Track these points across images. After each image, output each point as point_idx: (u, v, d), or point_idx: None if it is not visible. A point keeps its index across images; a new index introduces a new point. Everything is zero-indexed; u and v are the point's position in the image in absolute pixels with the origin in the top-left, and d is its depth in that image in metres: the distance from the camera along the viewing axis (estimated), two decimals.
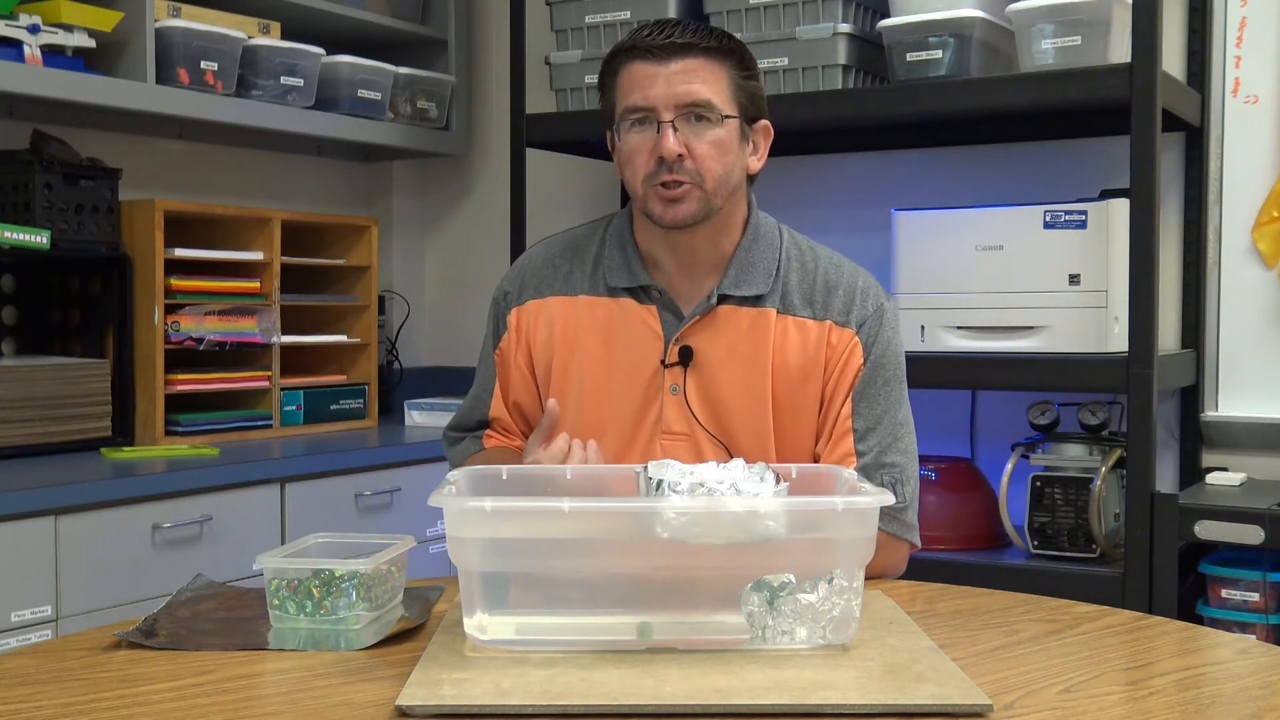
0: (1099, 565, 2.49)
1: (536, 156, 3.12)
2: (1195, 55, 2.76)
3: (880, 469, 1.72)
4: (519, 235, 3.08)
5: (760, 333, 1.73)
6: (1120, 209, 2.46)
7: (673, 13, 2.89)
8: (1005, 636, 1.42)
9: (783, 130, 3.00)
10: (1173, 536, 2.36)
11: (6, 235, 2.51)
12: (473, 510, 1.29)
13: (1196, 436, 2.77)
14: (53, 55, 2.56)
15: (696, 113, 1.66)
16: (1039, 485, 2.55)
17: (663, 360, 1.75)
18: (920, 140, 3.01)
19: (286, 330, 3.02)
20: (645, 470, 1.38)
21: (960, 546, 2.68)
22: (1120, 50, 2.47)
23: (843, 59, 2.72)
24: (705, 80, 1.67)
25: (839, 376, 1.73)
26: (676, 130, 1.66)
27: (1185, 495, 2.45)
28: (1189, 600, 2.48)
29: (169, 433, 2.78)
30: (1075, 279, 2.50)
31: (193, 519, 2.42)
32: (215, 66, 2.82)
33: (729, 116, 1.69)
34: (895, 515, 1.71)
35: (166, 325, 2.76)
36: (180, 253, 2.79)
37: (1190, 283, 2.77)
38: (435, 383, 3.60)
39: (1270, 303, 2.72)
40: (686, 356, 1.74)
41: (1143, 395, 2.35)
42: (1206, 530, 2.36)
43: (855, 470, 1.68)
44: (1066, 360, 2.46)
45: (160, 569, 2.35)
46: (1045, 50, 2.52)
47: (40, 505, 2.17)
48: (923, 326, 2.64)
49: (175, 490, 2.40)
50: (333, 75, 3.13)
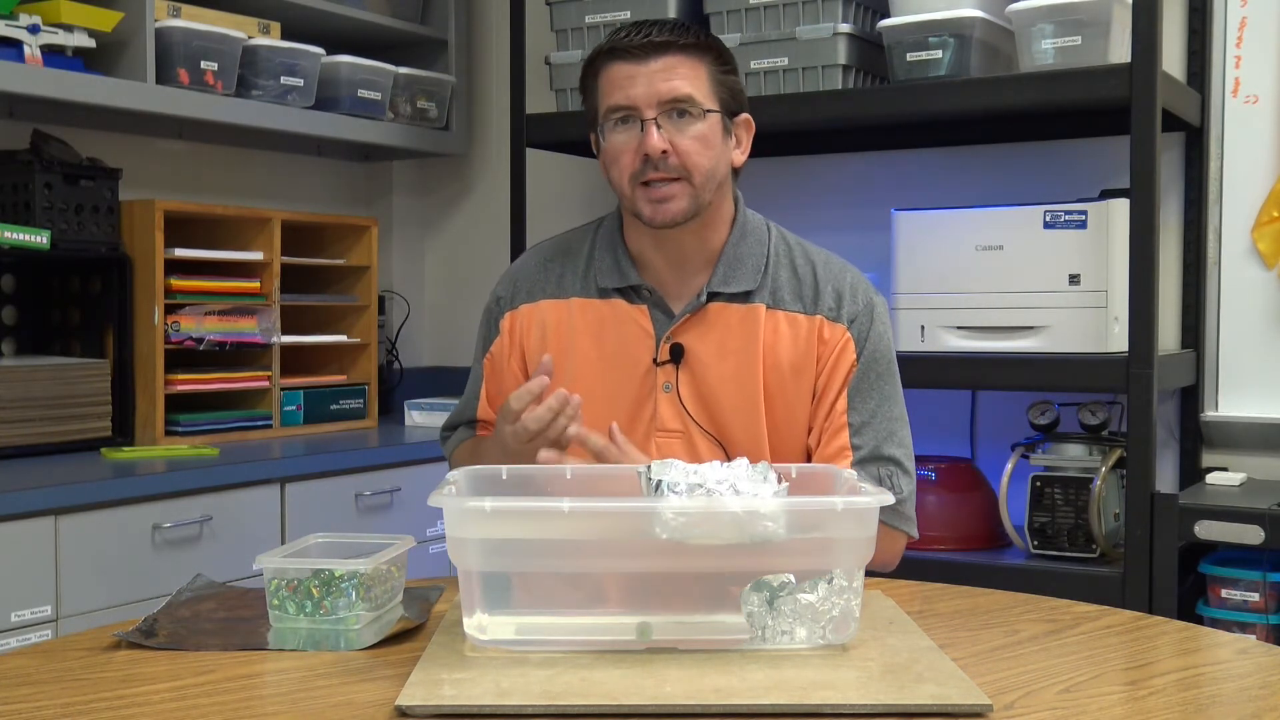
0: (1099, 565, 2.49)
1: (536, 156, 3.12)
2: (1195, 55, 2.76)
3: (877, 462, 1.74)
4: (519, 235, 3.08)
5: (750, 328, 1.75)
6: (1120, 209, 2.46)
7: (673, 13, 2.90)
8: (1005, 636, 1.42)
9: (783, 130, 3.04)
10: (1173, 536, 2.36)
11: (6, 235, 2.51)
12: (473, 510, 1.29)
13: (1196, 436, 2.77)
14: (53, 55, 2.56)
15: (679, 108, 1.69)
16: (1039, 485, 2.55)
17: (655, 359, 1.76)
18: (920, 140, 3.01)
19: (286, 330, 3.02)
20: (648, 470, 1.38)
21: (960, 546, 2.68)
22: (1120, 50, 2.47)
23: (843, 59, 2.72)
24: (685, 76, 1.70)
25: (831, 371, 1.75)
26: (660, 127, 1.68)
27: (1185, 495, 2.45)
28: (1189, 600, 2.48)
29: (169, 433, 2.78)
30: (1075, 279, 2.50)
31: (193, 519, 2.42)
32: (215, 66, 2.82)
33: (711, 110, 1.71)
34: (894, 508, 1.71)
35: (166, 325, 2.76)
36: (180, 253, 2.79)
37: (1190, 283, 2.77)
38: (435, 383, 3.60)
39: (1270, 303, 2.72)
40: (678, 354, 1.76)
41: (1143, 395, 2.35)
42: (1206, 530, 2.36)
43: (851, 464, 1.71)
44: (1066, 360, 2.46)
45: (160, 569, 2.35)
46: (1045, 50, 2.52)
47: (40, 505, 2.17)
48: (923, 326, 2.64)
49: (175, 490, 2.40)
50: (333, 75, 3.13)
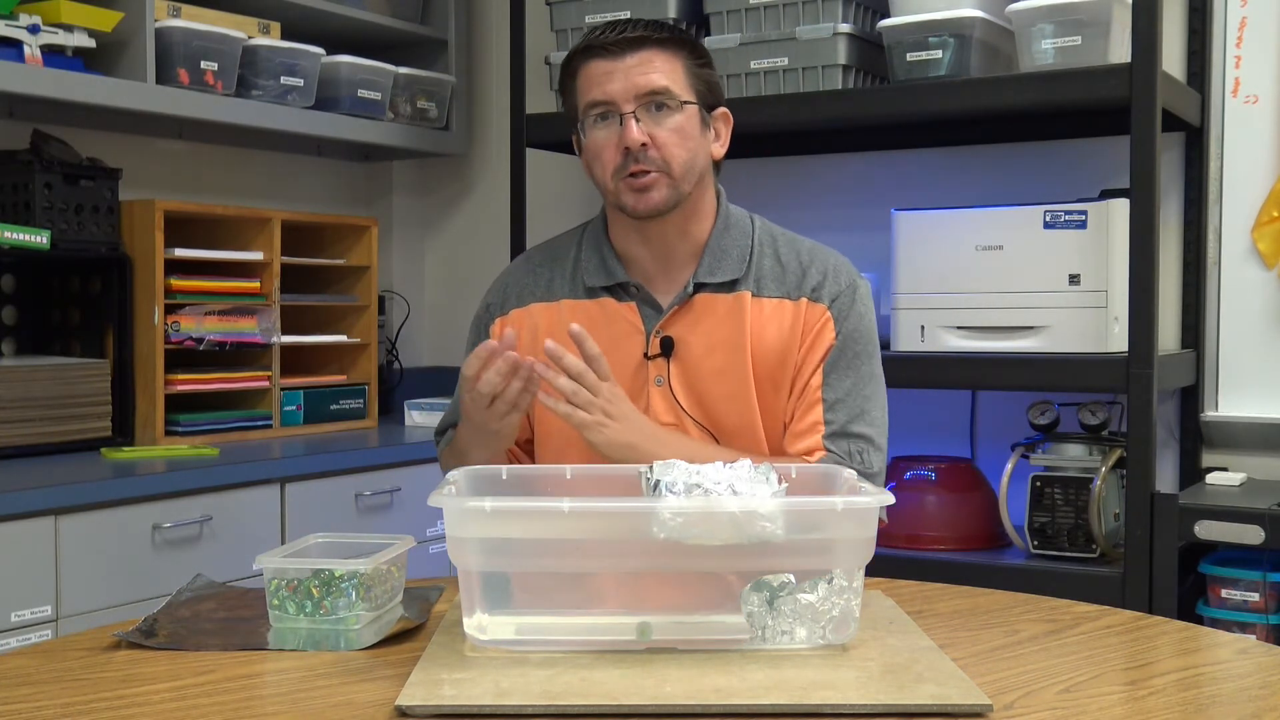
0: (1099, 565, 2.49)
1: (536, 156, 3.12)
2: (1195, 55, 2.76)
3: (846, 438, 1.75)
4: (519, 235, 3.08)
5: (737, 317, 1.77)
6: (1120, 209, 2.46)
7: (673, 13, 2.90)
8: (1005, 636, 1.42)
9: (783, 130, 3.04)
10: (1173, 536, 2.36)
11: (6, 235, 2.51)
12: (472, 510, 1.29)
13: (1196, 436, 2.77)
14: (53, 55, 2.56)
15: (656, 101, 1.72)
16: (1039, 485, 2.55)
17: (645, 353, 1.78)
18: (920, 140, 3.01)
19: (286, 330, 3.02)
20: (651, 470, 1.38)
21: (960, 546, 2.68)
22: (1120, 50, 2.47)
23: (843, 59, 2.72)
24: (661, 69, 1.73)
25: (810, 348, 1.77)
26: (638, 120, 1.71)
27: (1185, 495, 2.45)
28: (1189, 600, 2.48)
29: (169, 433, 2.78)
30: (1075, 279, 2.50)
31: (193, 519, 2.42)
32: (215, 66, 2.82)
33: (687, 102, 1.75)
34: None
35: (166, 325, 2.76)
36: (180, 253, 2.79)
37: (1190, 283, 2.77)
38: (435, 383, 3.60)
39: (1270, 303, 2.72)
40: (668, 347, 1.78)
41: (1143, 395, 2.35)
42: (1206, 530, 2.36)
43: (822, 438, 1.73)
44: (1066, 360, 2.46)
45: (160, 569, 2.35)
46: (1045, 50, 2.52)
47: (40, 505, 2.17)
48: (923, 326, 2.64)
49: (175, 490, 2.40)
50: (333, 75, 3.13)
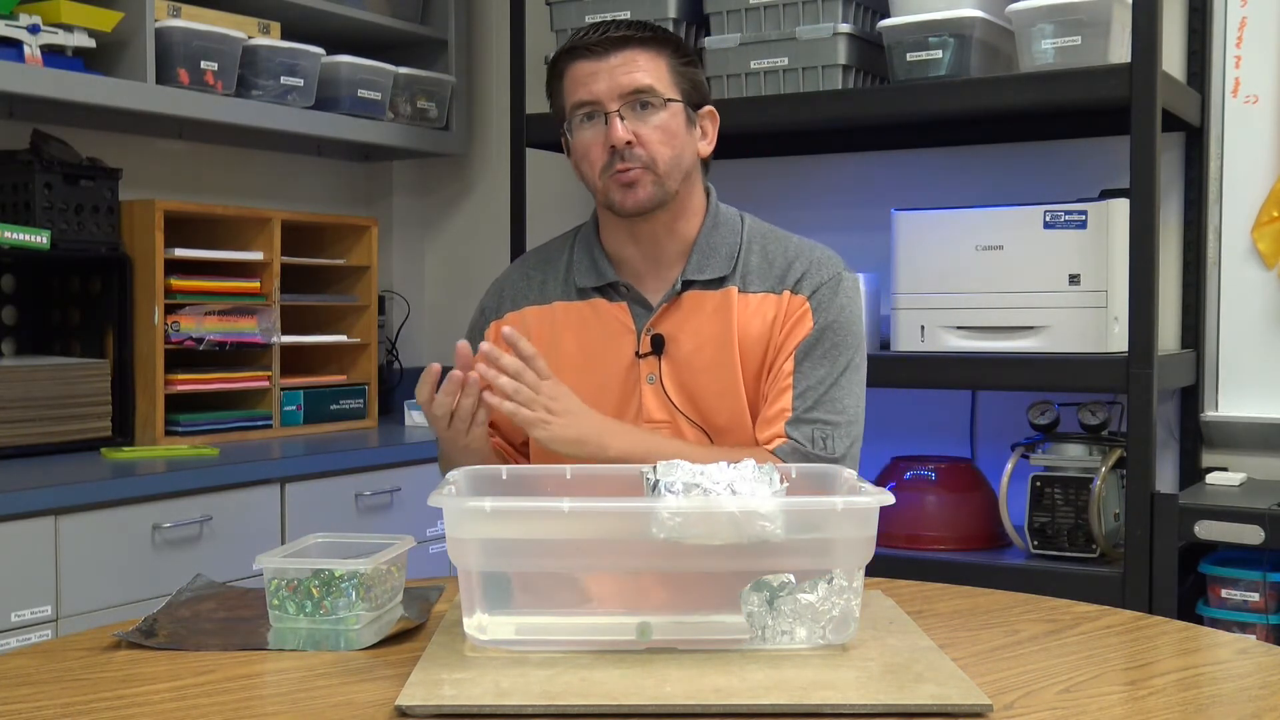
0: (1099, 565, 2.49)
1: (536, 156, 3.12)
2: (1195, 55, 2.76)
3: (810, 424, 1.74)
4: (519, 235, 3.08)
5: (724, 314, 1.78)
6: (1120, 209, 2.46)
7: (672, 13, 2.90)
8: (1005, 636, 1.42)
9: (783, 130, 3.04)
10: (1173, 536, 2.36)
11: (6, 235, 2.51)
12: (472, 510, 1.29)
13: (1196, 436, 2.77)
14: (53, 55, 2.56)
15: (640, 100, 1.74)
16: (1039, 485, 2.55)
17: (636, 351, 1.79)
18: (920, 140, 3.01)
19: (286, 330, 3.01)
20: (653, 470, 1.38)
21: (960, 546, 2.68)
22: (1120, 50, 2.47)
23: (843, 59, 2.72)
24: (645, 69, 1.75)
25: (786, 336, 1.78)
26: (623, 119, 1.73)
27: (1185, 495, 2.45)
28: (1189, 600, 2.48)
29: (169, 433, 2.78)
30: (1075, 279, 2.50)
31: (193, 519, 2.42)
32: (215, 66, 2.81)
33: (672, 100, 1.76)
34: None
35: (166, 325, 2.76)
36: (180, 253, 2.79)
37: (1190, 283, 2.77)
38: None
39: (1270, 303, 2.72)
40: (658, 345, 1.79)
41: (1143, 395, 2.35)
42: (1206, 530, 2.36)
43: (785, 424, 1.73)
44: (1066, 360, 2.46)
45: (160, 569, 2.35)
46: (1045, 50, 2.52)
47: (40, 505, 2.17)
48: (923, 326, 2.64)
49: (175, 490, 2.40)
50: (333, 75, 3.13)
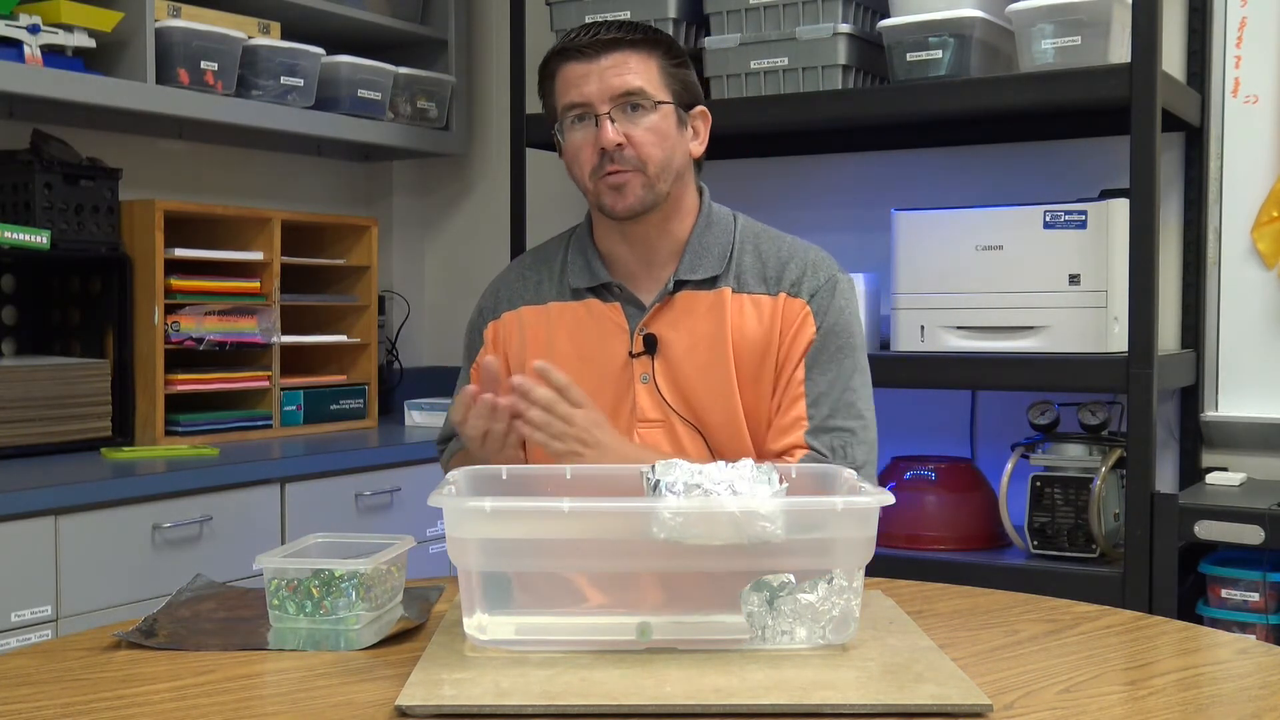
0: (1099, 565, 2.49)
1: (536, 156, 3.12)
2: (1195, 55, 2.76)
3: (828, 433, 1.75)
4: (519, 235, 3.08)
5: (718, 313, 1.79)
6: (1120, 209, 2.46)
7: (672, 13, 2.90)
8: (1005, 636, 1.42)
9: (783, 130, 3.04)
10: (1173, 536, 2.36)
11: (6, 235, 2.51)
12: (472, 510, 1.29)
13: (1196, 436, 2.77)
14: (53, 55, 2.56)
15: (631, 101, 1.74)
16: (1039, 485, 2.55)
17: (630, 351, 1.80)
18: (920, 140, 3.01)
19: (286, 330, 3.01)
20: (653, 470, 1.38)
21: (960, 546, 2.68)
22: (1120, 50, 2.47)
23: (843, 59, 2.72)
24: (636, 70, 1.75)
25: (791, 344, 1.78)
26: (614, 121, 1.73)
27: (1185, 495, 2.45)
28: (1189, 600, 2.48)
29: (169, 433, 2.78)
30: (1075, 279, 2.50)
31: (193, 519, 2.42)
32: (215, 66, 2.81)
33: (662, 102, 1.76)
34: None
35: (166, 325, 2.76)
36: (180, 253, 2.79)
37: (1190, 283, 2.77)
38: (435, 383, 3.60)
39: (1270, 303, 2.72)
40: (651, 344, 1.79)
41: (1143, 395, 2.35)
42: (1206, 530, 2.36)
43: (805, 434, 1.74)
44: (1066, 360, 2.46)
45: (160, 569, 2.35)
46: (1045, 50, 2.52)
47: (40, 505, 2.17)
48: (923, 326, 2.64)
49: (175, 490, 2.40)
50: (333, 75, 3.13)
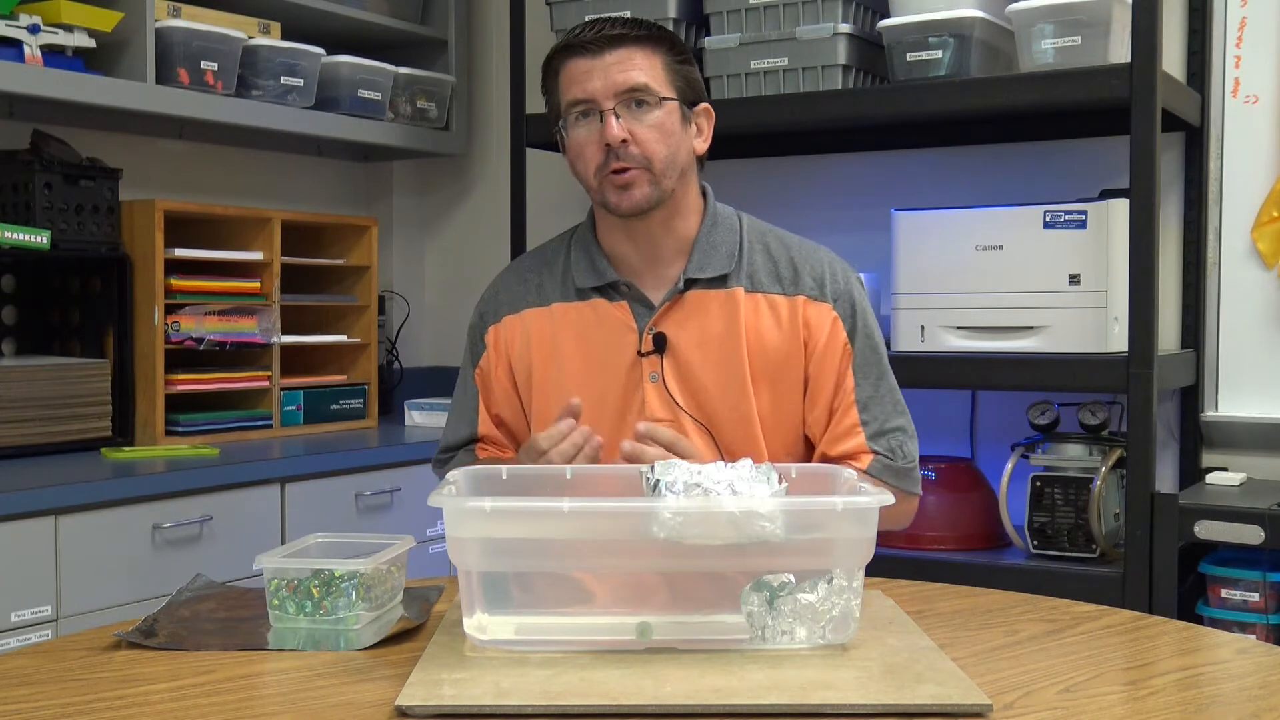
0: (1099, 565, 2.49)
1: (536, 156, 3.12)
2: (1195, 55, 2.76)
3: (885, 435, 1.79)
4: (519, 235, 3.08)
5: (730, 312, 1.78)
6: (1120, 209, 2.46)
7: (672, 13, 2.90)
8: (1005, 636, 1.42)
9: (783, 130, 3.04)
10: (1173, 536, 2.36)
11: (6, 235, 2.51)
12: (473, 510, 1.29)
13: (1196, 436, 2.77)
14: (53, 55, 2.56)
15: (636, 98, 1.74)
16: (1039, 485, 2.55)
17: (639, 350, 1.79)
18: (920, 140, 3.01)
19: (286, 330, 3.02)
20: (653, 470, 1.38)
21: (960, 546, 2.68)
22: (1120, 50, 2.47)
23: (843, 59, 2.72)
24: (640, 66, 1.74)
25: (825, 352, 1.79)
26: (619, 117, 1.72)
27: (1185, 495, 2.45)
28: (1189, 600, 2.48)
29: (169, 433, 2.78)
30: (1075, 279, 2.50)
31: (193, 519, 2.42)
32: (215, 66, 2.81)
33: (667, 99, 1.76)
34: (906, 472, 1.80)
35: (166, 325, 2.76)
36: (180, 253, 2.79)
37: (1190, 283, 2.77)
38: (435, 383, 3.60)
39: (1270, 303, 2.72)
40: (661, 344, 1.79)
41: (1143, 395, 2.35)
42: (1206, 530, 2.36)
43: (865, 439, 1.77)
44: (1066, 360, 2.46)
45: (160, 569, 2.35)
46: (1045, 50, 2.52)
47: (40, 505, 2.17)
48: (923, 326, 2.64)
49: (175, 490, 2.40)
50: (333, 75, 3.13)
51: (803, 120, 2.79)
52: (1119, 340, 2.47)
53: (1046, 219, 2.53)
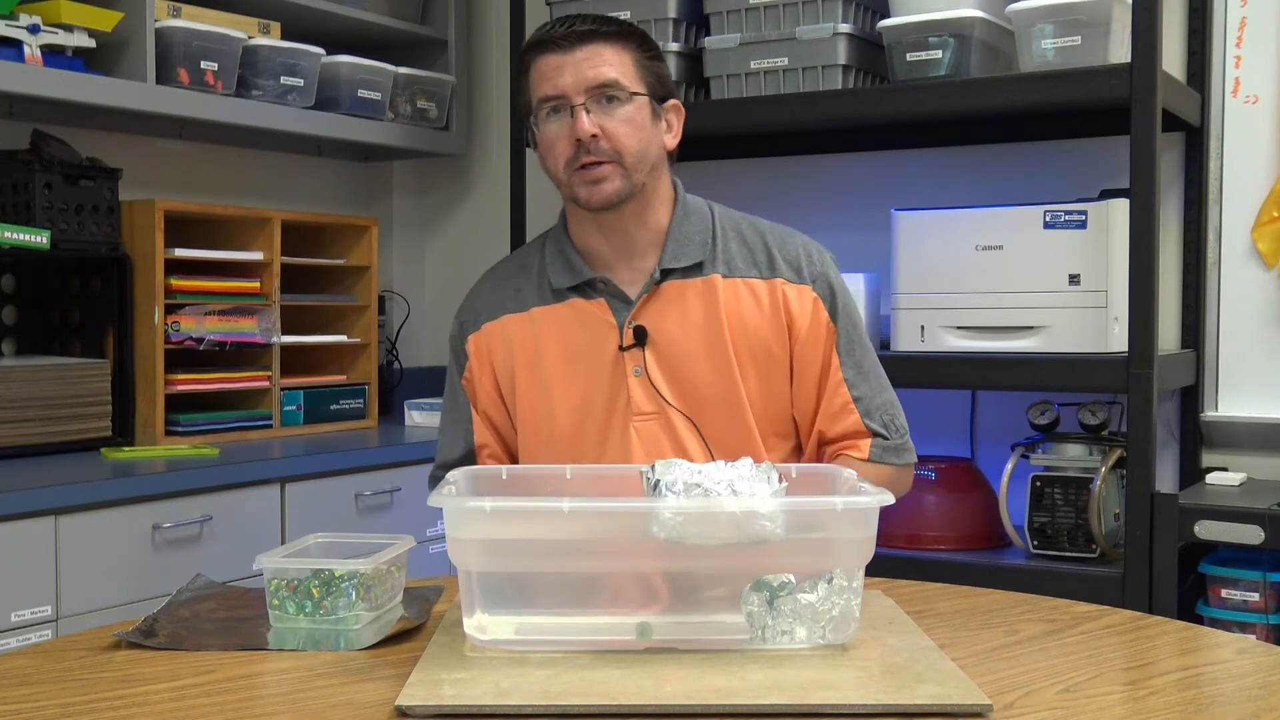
0: (1099, 565, 2.49)
1: (536, 156, 3.11)
2: (1195, 55, 2.76)
3: (877, 410, 1.82)
4: (519, 235, 3.08)
5: (710, 299, 1.79)
6: (1120, 209, 2.46)
7: (672, 13, 2.90)
8: (1005, 636, 1.42)
9: (783, 130, 3.04)
10: (1173, 536, 2.36)
11: (6, 235, 2.51)
12: (473, 510, 1.29)
13: (1196, 436, 2.77)
14: (53, 55, 2.56)
15: (606, 93, 1.74)
16: (1039, 485, 2.55)
17: (620, 345, 1.79)
18: (920, 140, 3.01)
19: (286, 330, 3.02)
20: (652, 470, 1.38)
21: (960, 546, 2.68)
22: (1120, 50, 2.47)
23: (843, 59, 2.72)
24: (610, 62, 1.75)
25: (809, 335, 1.80)
26: (589, 112, 1.73)
27: (1185, 495, 2.45)
28: (1189, 600, 2.48)
29: (169, 433, 2.78)
30: (1075, 279, 2.50)
31: (193, 519, 2.42)
32: (215, 66, 2.81)
33: (637, 94, 1.76)
34: (902, 448, 1.83)
35: (166, 325, 2.76)
36: (180, 253, 2.79)
37: (1190, 283, 2.77)
38: (435, 383, 3.58)
39: (1270, 303, 2.72)
40: (641, 337, 1.78)
41: (1143, 395, 2.35)
42: (1206, 530, 2.36)
43: (859, 415, 1.80)
44: (1066, 360, 2.46)
45: (160, 569, 2.35)
46: (1045, 50, 2.52)
47: (40, 505, 2.17)
48: (923, 326, 2.64)
49: (175, 490, 2.40)
50: (333, 75, 3.13)
51: (803, 120, 2.79)
52: (1119, 340, 2.47)
53: (1046, 219, 2.53)
